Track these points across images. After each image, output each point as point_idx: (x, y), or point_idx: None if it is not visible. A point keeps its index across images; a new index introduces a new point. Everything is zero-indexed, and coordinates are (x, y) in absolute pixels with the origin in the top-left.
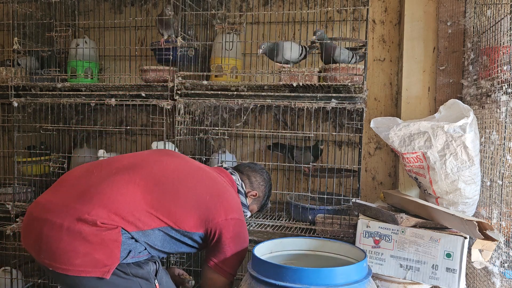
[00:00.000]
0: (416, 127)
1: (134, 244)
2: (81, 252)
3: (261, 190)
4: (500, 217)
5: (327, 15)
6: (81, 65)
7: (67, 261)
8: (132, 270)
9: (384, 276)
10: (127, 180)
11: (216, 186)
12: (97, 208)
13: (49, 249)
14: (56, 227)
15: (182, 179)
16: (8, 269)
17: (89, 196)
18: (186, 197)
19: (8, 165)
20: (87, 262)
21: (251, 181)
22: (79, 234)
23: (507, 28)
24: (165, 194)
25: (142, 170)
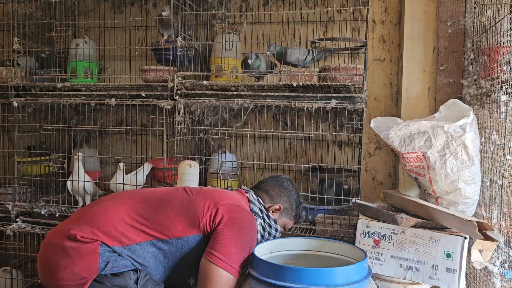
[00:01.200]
0: (416, 127)
1: (115, 256)
2: (62, 266)
3: (284, 200)
4: (500, 217)
5: (327, 15)
6: (81, 65)
7: (53, 275)
8: (109, 280)
9: (384, 276)
10: (115, 200)
11: (205, 187)
12: (82, 225)
13: (43, 266)
14: (50, 246)
15: (170, 194)
16: (8, 269)
17: (80, 217)
18: (170, 204)
19: (8, 165)
20: (67, 275)
21: (270, 195)
22: (62, 249)
23: (507, 28)
24: (150, 207)
25: (134, 192)
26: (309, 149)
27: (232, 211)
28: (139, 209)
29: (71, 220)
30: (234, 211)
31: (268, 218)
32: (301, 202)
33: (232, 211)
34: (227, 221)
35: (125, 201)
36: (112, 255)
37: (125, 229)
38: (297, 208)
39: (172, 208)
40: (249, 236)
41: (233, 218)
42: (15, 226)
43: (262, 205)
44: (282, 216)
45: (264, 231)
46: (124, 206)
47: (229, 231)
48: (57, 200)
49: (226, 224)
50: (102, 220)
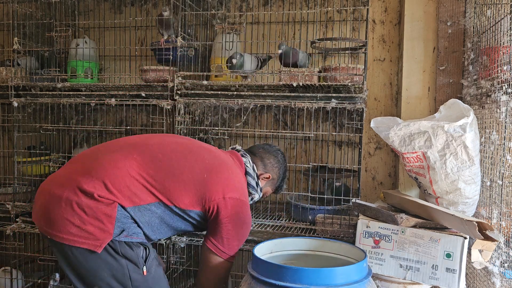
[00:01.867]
0: (416, 127)
1: (129, 223)
2: (76, 222)
3: (275, 172)
4: (500, 217)
5: (327, 15)
6: (81, 65)
7: (63, 229)
8: (122, 249)
9: (384, 276)
10: (125, 155)
11: (216, 164)
12: (95, 180)
13: (48, 216)
14: (56, 197)
15: (179, 157)
16: (8, 269)
17: (90, 170)
18: (182, 174)
19: (8, 165)
20: (81, 233)
21: (265, 163)
22: (76, 205)
23: (507, 28)
24: (160, 170)
25: (141, 147)
26: (309, 149)
27: (238, 207)
28: (149, 169)
29: (78, 170)
30: (240, 207)
31: (256, 186)
32: (286, 176)
33: (238, 206)
34: (233, 216)
35: (135, 158)
36: (127, 221)
37: (137, 189)
38: (282, 181)
39: (184, 181)
40: (248, 230)
41: (238, 214)
42: (15, 226)
43: (255, 172)
44: (267, 185)
45: (253, 198)
46: (134, 164)
47: (233, 226)
48: None
49: (231, 219)
50: (116, 178)
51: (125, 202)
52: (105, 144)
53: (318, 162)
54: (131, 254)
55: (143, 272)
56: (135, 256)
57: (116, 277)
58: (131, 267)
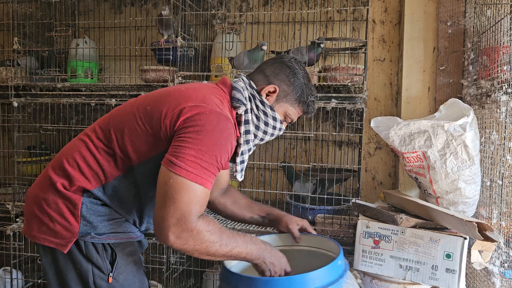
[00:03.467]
0: (416, 126)
1: (98, 221)
2: (45, 220)
3: (281, 80)
4: (500, 217)
5: (327, 15)
6: (81, 65)
7: (36, 228)
8: (88, 251)
9: (383, 277)
10: (83, 135)
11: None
12: (57, 169)
13: (26, 216)
14: (32, 196)
15: (127, 110)
16: (8, 269)
17: (55, 159)
18: (133, 127)
19: (8, 165)
20: (49, 231)
21: (266, 74)
22: (44, 202)
23: (507, 28)
24: (115, 137)
25: (101, 120)
26: (309, 149)
27: (196, 114)
28: (106, 132)
29: (49, 163)
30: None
31: (262, 105)
32: (309, 87)
33: (196, 114)
34: (186, 123)
35: (95, 129)
36: (94, 220)
37: (100, 165)
38: (301, 91)
39: (135, 131)
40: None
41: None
42: (15, 226)
43: (254, 89)
44: (280, 101)
45: (258, 120)
46: (91, 142)
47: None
48: None
49: (184, 128)
50: (74, 158)
51: (89, 184)
52: None
53: (318, 162)
54: (97, 258)
55: (108, 279)
56: (100, 261)
57: (81, 283)
58: (96, 272)
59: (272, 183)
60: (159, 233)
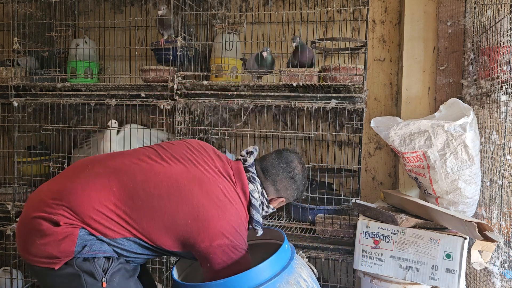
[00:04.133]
0: (416, 126)
1: (93, 240)
2: (40, 244)
3: (289, 194)
4: (500, 217)
5: (327, 15)
6: (81, 65)
7: (26, 249)
8: (77, 262)
9: (383, 277)
10: (103, 184)
11: (204, 206)
12: (65, 207)
13: (20, 236)
14: (27, 217)
15: (163, 195)
16: (8, 269)
17: (61, 192)
18: (163, 218)
19: (8, 165)
20: (40, 252)
21: (277, 187)
22: (41, 227)
23: (507, 28)
24: (138, 210)
25: (122, 177)
26: (309, 149)
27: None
28: (126, 207)
29: (50, 191)
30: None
31: (268, 208)
32: (304, 190)
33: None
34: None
35: (113, 190)
36: (91, 238)
37: (111, 224)
38: (300, 195)
39: (165, 224)
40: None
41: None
42: (15, 226)
43: (265, 198)
44: (281, 203)
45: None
46: (111, 197)
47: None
48: None
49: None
50: (87, 209)
51: (95, 233)
52: (94, 160)
53: (318, 162)
54: (89, 267)
55: (102, 284)
56: (92, 268)
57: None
58: (88, 279)
59: None
60: None
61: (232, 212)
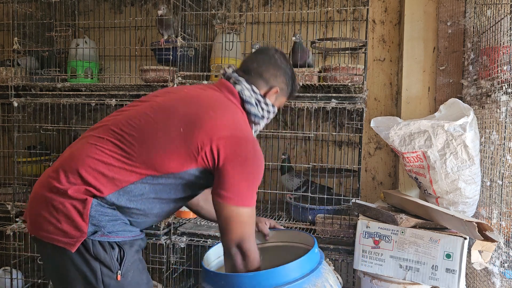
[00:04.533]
0: (416, 126)
1: (106, 220)
2: (52, 220)
3: (281, 81)
4: (500, 217)
5: (327, 15)
6: (81, 65)
7: (42, 227)
8: (95, 249)
9: (383, 277)
10: (96, 140)
11: (192, 112)
12: (69, 174)
13: (30, 215)
14: (38, 195)
15: (150, 121)
16: (8, 269)
17: (64, 163)
18: (156, 139)
19: (8, 165)
20: (57, 231)
21: (265, 78)
22: (51, 203)
23: (507, 28)
24: (133, 145)
25: (110, 127)
26: (309, 149)
27: (234, 144)
28: (123, 149)
29: (56, 165)
30: (236, 143)
31: (266, 105)
32: (295, 75)
33: (234, 144)
34: (230, 156)
35: (106, 140)
36: (102, 219)
37: (115, 172)
38: (293, 83)
39: (161, 144)
40: (256, 166)
41: (236, 152)
42: (15, 226)
43: (258, 94)
44: (279, 97)
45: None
46: (107, 146)
47: (233, 167)
48: None
49: (229, 160)
50: (88, 166)
51: (104, 189)
52: (83, 134)
53: (318, 162)
54: (104, 257)
55: (117, 277)
56: (108, 259)
57: (87, 282)
58: (104, 270)
59: (272, 183)
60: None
61: (226, 107)
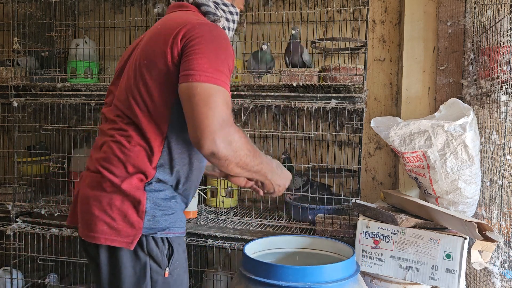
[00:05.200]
0: (416, 126)
1: (160, 215)
2: (106, 220)
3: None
4: (500, 217)
5: (327, 15)
6: (81, 65)
7: (94, 228)
8: (148, 245)
9: (383, 277)
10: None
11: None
12: (109, 165)
13: (81, 217)
14: (87, 196)
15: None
16: (8, 269)
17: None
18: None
19: (8, 165)
20: (111, 230)
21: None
22: (105, 201)
23: (507, 28)
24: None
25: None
26: (309, 149)
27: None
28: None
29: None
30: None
31: (226, 6)
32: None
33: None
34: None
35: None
36: (157, 213)
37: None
38: None
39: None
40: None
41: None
42: (15, 226)
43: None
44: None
45: (229, 22)
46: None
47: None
48: (57, 200)
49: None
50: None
51: (147, 163)
52: None
53: (318, 162)
54: (156, 253)
55: (165, 274)
56: (159, 255)
57: (137, 278)
58: (153, 266)
59: None
60: (203, 143)
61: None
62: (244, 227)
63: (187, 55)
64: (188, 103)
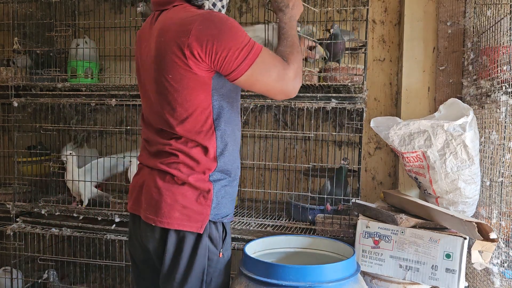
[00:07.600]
0: (416, 126)
1: (220, 197)
2: (176, 207)
3: None
4: (500, 217)
5: (327, 15)
6: (81, 65)
7: (167, 214)
8: (211, 229)
9: (383, 276)
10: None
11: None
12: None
13: (148, 203)
14: (152, 184)
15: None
16: (8, 269)
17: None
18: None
19: (8, 165)
20: (182, 216)
21: None
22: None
23: (507, 28)
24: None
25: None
26: (309, 149)
27: (198, 38)
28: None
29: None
30: (199, 36)
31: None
32: None
33: (197, 37)
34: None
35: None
36: (222, 200)
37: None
38: None
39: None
40: (224, 26)
41: (202, 40)
42: (15, 226)
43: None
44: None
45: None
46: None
47: (213, 48)
48: (57, 200)
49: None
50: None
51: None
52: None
53: (318, 162)
54: (216, 235)
55: (219, 254)
56: (218, 238)
57: (197, 258)
58: (211, 248)
59: (272, 183)
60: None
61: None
62: (244, 226)
63: (215, 58)
64: (254, 87)
